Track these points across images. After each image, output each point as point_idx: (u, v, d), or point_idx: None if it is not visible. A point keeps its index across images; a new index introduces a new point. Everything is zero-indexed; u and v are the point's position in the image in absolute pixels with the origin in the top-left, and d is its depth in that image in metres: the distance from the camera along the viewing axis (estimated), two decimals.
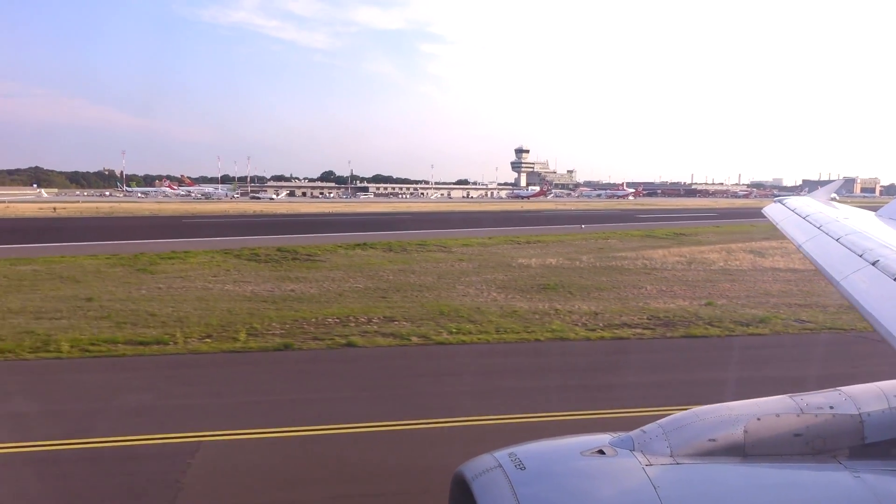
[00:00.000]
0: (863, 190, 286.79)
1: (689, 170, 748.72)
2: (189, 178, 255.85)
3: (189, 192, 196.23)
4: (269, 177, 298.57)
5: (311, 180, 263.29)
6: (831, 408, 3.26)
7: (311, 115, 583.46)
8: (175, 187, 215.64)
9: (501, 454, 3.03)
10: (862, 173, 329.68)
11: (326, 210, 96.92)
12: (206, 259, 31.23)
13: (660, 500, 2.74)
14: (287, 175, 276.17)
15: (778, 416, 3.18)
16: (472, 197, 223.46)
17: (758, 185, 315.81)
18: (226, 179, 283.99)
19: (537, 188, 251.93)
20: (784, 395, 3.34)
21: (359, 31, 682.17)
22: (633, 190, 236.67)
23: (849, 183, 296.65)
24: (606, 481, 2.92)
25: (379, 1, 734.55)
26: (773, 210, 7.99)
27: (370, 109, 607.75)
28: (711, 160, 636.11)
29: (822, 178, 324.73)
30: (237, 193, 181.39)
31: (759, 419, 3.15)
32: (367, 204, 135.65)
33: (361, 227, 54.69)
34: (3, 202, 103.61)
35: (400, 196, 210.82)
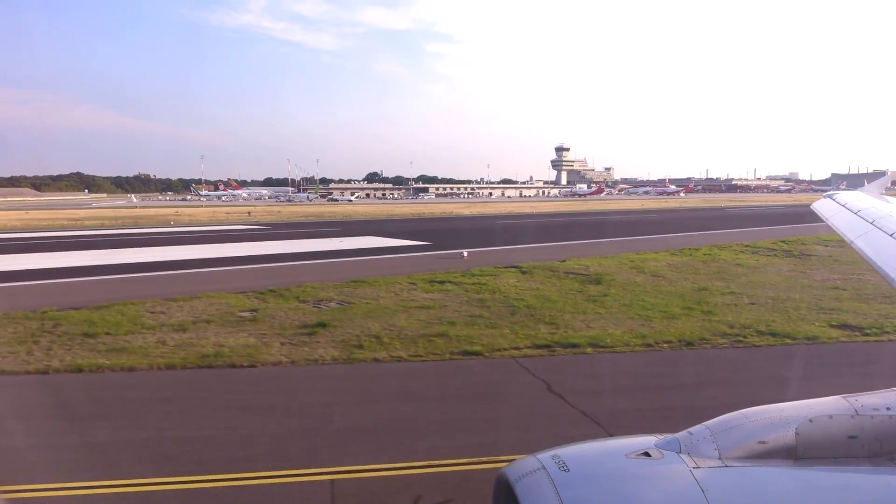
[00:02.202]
0: (893, 183, 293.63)
1: (703, 165, 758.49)
2: (235, 181, 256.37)
3: (260, 195, 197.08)
4: (298, 178, 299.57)
5: (354, 182, 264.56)
6: (888, 409, 3.15)
7: (323, 117, 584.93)
8: (225, 190, 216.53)
9: (545, 456, 3.02)
10: (889, 166, 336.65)
11: (485, 212, 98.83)
12: (750, 255, 34.12)
13: (708, 503, 2.70)
14: (317, 177, 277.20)
15: (831, 417, 3.09)
16: (527, 196, 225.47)
17: (787, 180, 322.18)
18: (269, 183, 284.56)
19: (584, 186, 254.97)
20: (837, 396, 3.25)
21: (366, 31, 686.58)
22: (678, 187, 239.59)
23: (878, 175, 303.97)
24: (652, 484, 2.89)
25: (385, 1, 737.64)
26: (822, 206, 7.73)
27: (384, 110, 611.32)
28: (725, 155, 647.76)
29: (850, 172, 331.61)
30: (317, 196, 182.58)
31: (811, 420, 3.07)
32: (463, 205, 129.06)
33: (649, 230, 56.15)
34: (173, 208, 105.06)
35: (462, 196, 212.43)
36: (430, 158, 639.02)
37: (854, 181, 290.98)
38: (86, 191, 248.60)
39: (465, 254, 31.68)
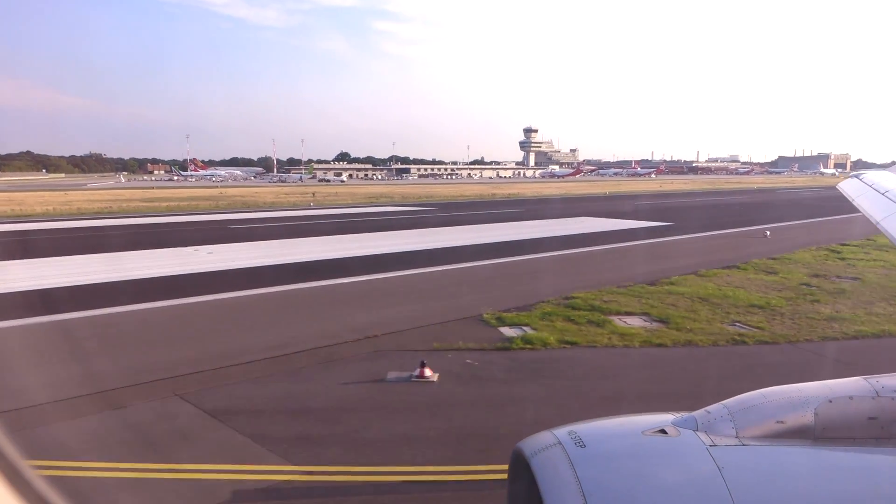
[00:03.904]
0: (836, 165, 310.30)
1: (649, 147, 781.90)
2: (201, 161, 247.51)
3: (236, 175, 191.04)
4: (256, 159, 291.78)
5: (331, 162, 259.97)
6: None
7: (275, 95, 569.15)
8: (197, 170, 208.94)
9: (561, 431, 3.03)
10: (831, 149, 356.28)
11: (548, 193, 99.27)
12: None
13: (724, 481, 2.68)
14: (304, 158, 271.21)
15: (851, 398, 3.04)
16: (506, 177, 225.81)
17: (743, 163, 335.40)
18: (235, 163, 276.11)
19: (556, 167, 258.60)
20: (858, 377, 3.20)
21: (311, 7, 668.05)
22: (646, 170, 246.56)
23: (823, 158, 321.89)
24: (669, 461, 2.89)
25: None
26: (849, 186, 7.78)
27: (336, 89, 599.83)
28: (670, 138, 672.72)
29: (796, 155, 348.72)
30: (310, 176, 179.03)
31: (830, 401, 3.01)
32: (486, 186, 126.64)
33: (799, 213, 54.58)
34: (194, 189, 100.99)
35: (444, 177, 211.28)
36: (392, 138, 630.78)
37: (805, 163, 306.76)
38: (43, 171, 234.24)
39: (768, 233, 32.69)
